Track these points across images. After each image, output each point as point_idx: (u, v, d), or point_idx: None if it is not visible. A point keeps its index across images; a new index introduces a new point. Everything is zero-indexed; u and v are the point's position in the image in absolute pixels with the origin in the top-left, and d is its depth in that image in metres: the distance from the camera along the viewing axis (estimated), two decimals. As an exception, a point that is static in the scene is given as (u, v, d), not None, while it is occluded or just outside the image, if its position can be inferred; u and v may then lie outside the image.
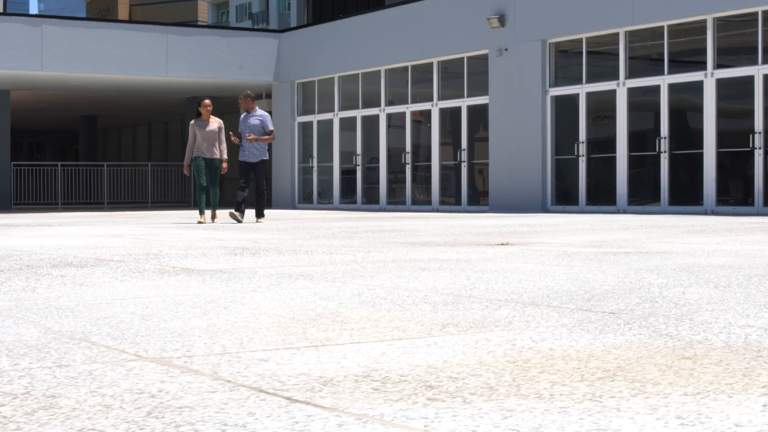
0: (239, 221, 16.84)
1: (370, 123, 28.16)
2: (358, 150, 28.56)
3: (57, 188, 33.10)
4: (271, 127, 17.31)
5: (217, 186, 16.96)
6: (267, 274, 6.72)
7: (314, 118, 30.01)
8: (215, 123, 17.06)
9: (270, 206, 31.68)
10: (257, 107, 17.30)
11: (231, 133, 17.48)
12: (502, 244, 10.25)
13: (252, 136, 16.85)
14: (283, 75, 30.60)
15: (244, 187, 17.10)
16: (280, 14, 70.14)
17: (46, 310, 4.76)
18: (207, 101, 17.07)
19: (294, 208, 30.31)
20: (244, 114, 17.27)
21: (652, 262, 7.41)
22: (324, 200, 29.84)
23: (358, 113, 28.45)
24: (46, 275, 6.72)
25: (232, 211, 16.96)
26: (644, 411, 2.54)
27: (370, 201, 28.12)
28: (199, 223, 16.60)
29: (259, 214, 17.40)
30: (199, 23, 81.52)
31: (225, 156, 17.13)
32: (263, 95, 33.59)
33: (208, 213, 21.60)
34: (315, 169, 30.09)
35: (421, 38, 26.09)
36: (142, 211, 28.92)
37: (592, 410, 2.56)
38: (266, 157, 17.23)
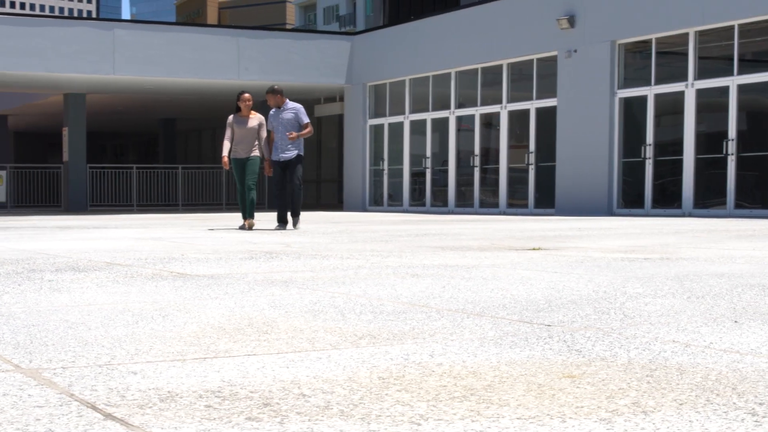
0: (285, 229, 15.38)
1: (440, 125, 28.04)
2: (428, 152, 28.46)
3: (132, 190, 33.51)
4: (306, 119, 15.48)
5: (251, 191, 15.54)
6: (253, 280, 6.67)
7: (385, 121, 29.98)
8: (255, 119, 15.57)
9: (341, 208, 31.71)
10: (288, 100, 15.50)
11: (266, 163, 15.60)
12: (533, 249, 10.11)
13: (294, 134, 15.15)
14: (356, 77, 30.62)
15: (281, 194, 15.58)
16: (367, 16, 70.27)
17: (-17, 317, 4.75)
18: (246, 95, 15.48)
19: (365, 210, 30.30)
20: (273, 110, 15.53)
21: (658, 270, 7.22)
22: (394, 202, 29.79)
23: (428, 116, 28.36)
24: (35, 279, 6.75)
25: (281, 227, 15.51)
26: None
27: (439, 203, 28.01)
28: (241, 228, 15.52)
29: (295, 215, 15.64)
30: (273, 26, 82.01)
31: (266, 154, 15.59)
32: (336, 98, 33.67)
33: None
34: (385, 171, 30.06)
35: (491, 40, 25.92)
36: (214, 213, 29.15)
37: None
38: (301, 152, 15.52)
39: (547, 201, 25.00)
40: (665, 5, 21.81)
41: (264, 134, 15.60)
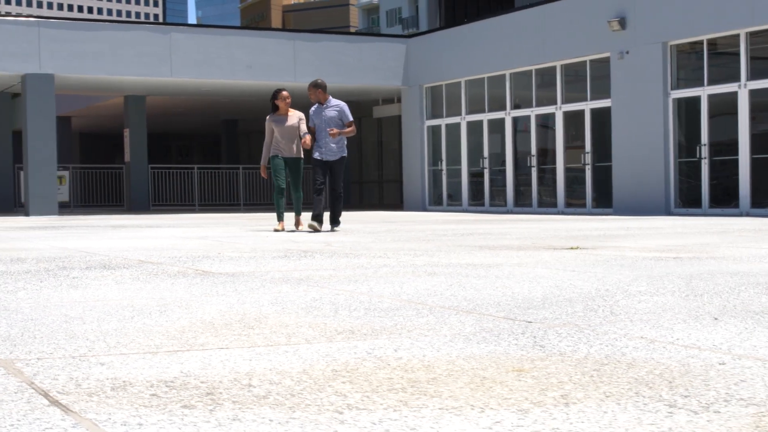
0: (318, 230, 14.52)
1: (497, 126, 28.07)
2: (485, 153, 28.50)
3: (194, 190, 33.92)
4: (350, 118, 14.77)
5: (299, 188, 14.95)
6: (271, 278, 6.81)
7: (442, 122, 30.07)
8: (295, 117, 14.88)
9: (401, 208, 31.83)
10: (331, 97, 14.75)
11: (305, 137, 14.71)
12: (571, 248, 10.15)
13: (335, 131, 14.42)
14: (412, 79, 30.74)
15: (321, 189, 14.62)
16: (430, 18, 70.34)
17: (-12, 312, 4.94)
18: (285, 92, 14.83)
19: (424, 210, 30.40)
20: (315, 106, 14.81)
21: (676, 269, 7.24)
22: (454, 202, 29.86)
23: (485, 116, 28.40)
24: (60, 277, 6.95)
25: (312, 222, 14.54)
26: (353, 426, 2.54)
27: (498, 203, 28.04)
28: (276, 231, 14.57)
29: (335, 221, 14.92)
30: (329, 30, 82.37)
31: (308, 140, 14.60)
32: (394, 99, 33.81)
33: (288, 218, 19.45)
34: (444, 171, 30.15)
35: (544, 41, 25.92)
36: (275, 213, 29.39)
37: (306, 422, 2.57)
38: (345, 154, 14.81)
39: (604, 201, 24.93)
40: (715, 6, 21.67)
41: (304, 127, 14.86)
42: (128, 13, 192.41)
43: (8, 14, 27.61)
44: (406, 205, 31.39)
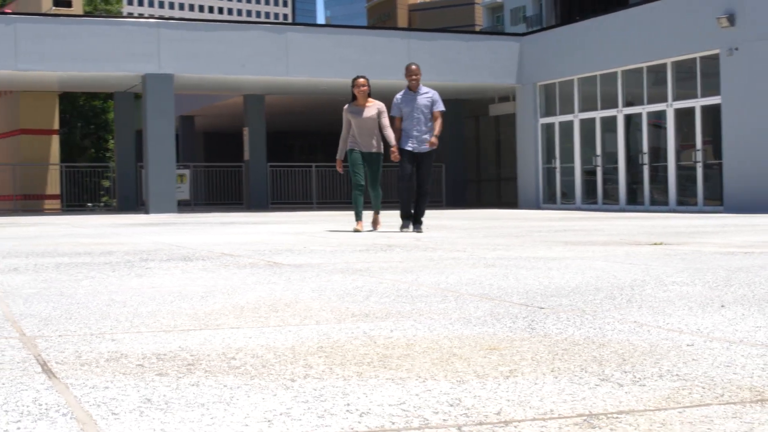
0: (409, 231, 13.44)
1: (609, 124, 27.95)
2: (598, 151, 28.40)
3: (312, 188, 34.46)
4: (442, 107, 13.54)
5: (378, 185, 13.79)
6: (332, 269, 7.08)
7: (555, 120, 30.04)
8: (374, 108, 13.62)
9: (515, 206, 31.87)
10: (422, 84, 13.56)
11: (393, 148, 13.51)
12: (654, 244, 10.21)
13: (434, 140, 13.36)
14: (526, 77, 30.78)
15: (410, 185, 13.42)
16: (548, 16, 69.97)
17: (43, 295, 5.32)
18: (362, 80, 13.59)
19: (538, 208, 30.39)
20: (403, 93, 13.51)
21: (731, 263, 7.31)
22: (567, 200, 29.81)
23: (597, 114, 28.30)
24: (135, 267, 7.33)
25: (404, 223, 13.49)
26: (307, 393, 2.79)
27: (610, 201, 27.91)
28: (356, 231, 13.41)
29: (418, 222, 13.56)
30: (452, 29, 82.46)
31: (393, 141, 13.48)
32: (510, 97, 33.86)
33: (366, 217, 16.53)
34: (557, 169, 30.12)
35: (654, 39, 25.74)
36: (390, 210, 29.67)
37: (255, 387, 2.82)
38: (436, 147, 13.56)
39: (716, 198, 24.65)
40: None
41: (385, 120, 13.62)
42: (258, 14, 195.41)
43: (131, 15, 28.41)
44: (521, 203, 31.42)
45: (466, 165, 36.78)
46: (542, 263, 7.45)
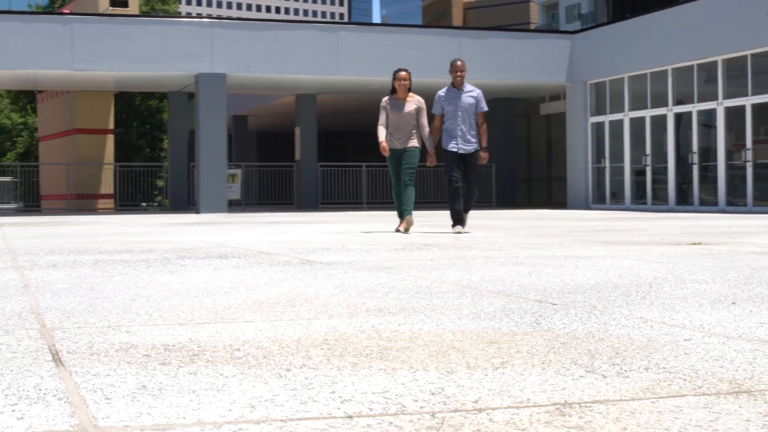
0: (464, 232, 12.89)
1: (659, 123, 27.81)
2: (648, 150, 28.27)
3: (362, 188, 34.60)
4: (486, 107, 13.06)
5: (411, 182, 13.13)
6: (361, 267, 7.18)
7: (606, 119, 29.95)
8: (413, 103, 13.14)
9: (564, 206, 31.82)
10: (466, 83, 13.06)
11: (430, 154, 13.11)
12: (693, 244, 10.21)
13: (485, 155, 13.00)
14: (576, 76, 30.71)
15: (458, 187, 12.86)
16: (599, 14, 69.69)
17: (73, 290, 5.47)
18: (403, 73, 13.05)
19: (587, 208, 30.32)
20: (446, 90, 12.99)
21: (766, 262, 7.33)
22: (617, 200, 29.71)
23: (647, 113, 28.18)
24: (170, 264, 7.49)
25: (456, 228, 12.92)
26: (297, 382, 2.90)
27: (660, 202, 27.78)
28: (398, 231, 13.20)
29: (462, 222, 12.98)
30: (505, 27, 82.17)
31: (431, 146, 13.10)
32: (560, 96, 33.80)
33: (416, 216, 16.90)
34: (607, 169, 30.02)
35: (705, 36, 25.59)
36: (441, 210, 29.76)
37: (250, 376, 2.93)
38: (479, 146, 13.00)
39: (766, 199, 24.47)
40: None
41: (424, 120, 13.17)
42: (314, 13, 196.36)
43: (189, 15, 28.72)
44: (570, 203, 31.36)
45: (517, 165, 36.73)
46: (571, 262, 7.50)
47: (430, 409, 2.50)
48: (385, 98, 13.20)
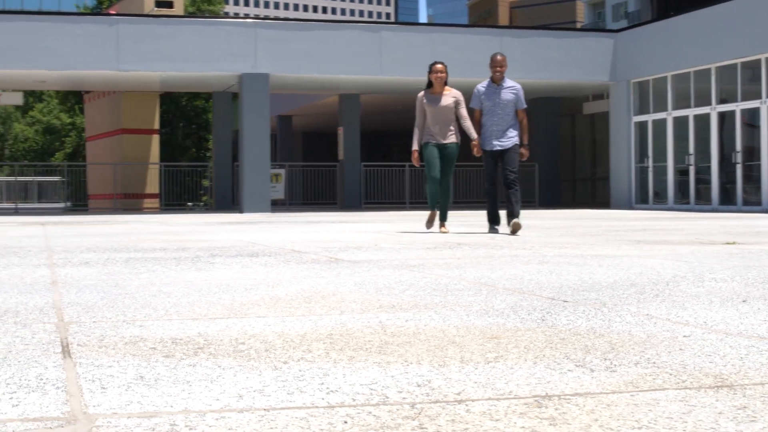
0: (498, 232, 12.81)
1: (702, 122, 27.66)
2: (691, 149, 28.13)
3: (405, 188, 34.66)
4: (524, 104, 12.70)
5: (449, 183, 13.04)
6: (387, 265, 7.26)
7: (649, 118, 29.83)
8: (450, 97, 12.81)
9: (608, 206, 31.71)
10: (506, 78, 12.63)
11: (474, 142, 12.68)
12: (726, 243, 10.21)
13: (525, 152, 12.62)
14: (620, 75, 30.61)
15: (493, 192, 12.76)
16: (643, 11, 69.23)
17: (98, 286, 5.60)
18: (439, 65, 12.90)
19: (630, 208, 30.21)
20: (486, 84, 12.61)
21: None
22: (660, 200, 29.57)
23: (690, 112, 28.03)
24: (200, 261, 7.61)
25: (493, 229, 12.91)
26: (290, 374, 2.98)
27: (703, 202, 27.62)
28: (430, 227, 13.43)
29: (514, 214, 12.33)
30: (539, 26, 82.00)
31: (473, 134, 12.64)
32: (604, 95, 33.70)
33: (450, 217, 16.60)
34: (650, 168, 29.89)
35: (749, 34, 25.43)
36: (477, 211, 29.75)
37: (247, 368, 3.02)
38: (519, 142, 12.59)
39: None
40: None
41: (464, 111, 12.84)
42: (361, 13, 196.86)
43: (236, 15, 28.95)
44: (613, 203, 31.25)
45: (561, 164, 36.65)
46: (596, 261, 7.54)
47: (411, 400, 2.58)
48: (421, 92, 12.93)
